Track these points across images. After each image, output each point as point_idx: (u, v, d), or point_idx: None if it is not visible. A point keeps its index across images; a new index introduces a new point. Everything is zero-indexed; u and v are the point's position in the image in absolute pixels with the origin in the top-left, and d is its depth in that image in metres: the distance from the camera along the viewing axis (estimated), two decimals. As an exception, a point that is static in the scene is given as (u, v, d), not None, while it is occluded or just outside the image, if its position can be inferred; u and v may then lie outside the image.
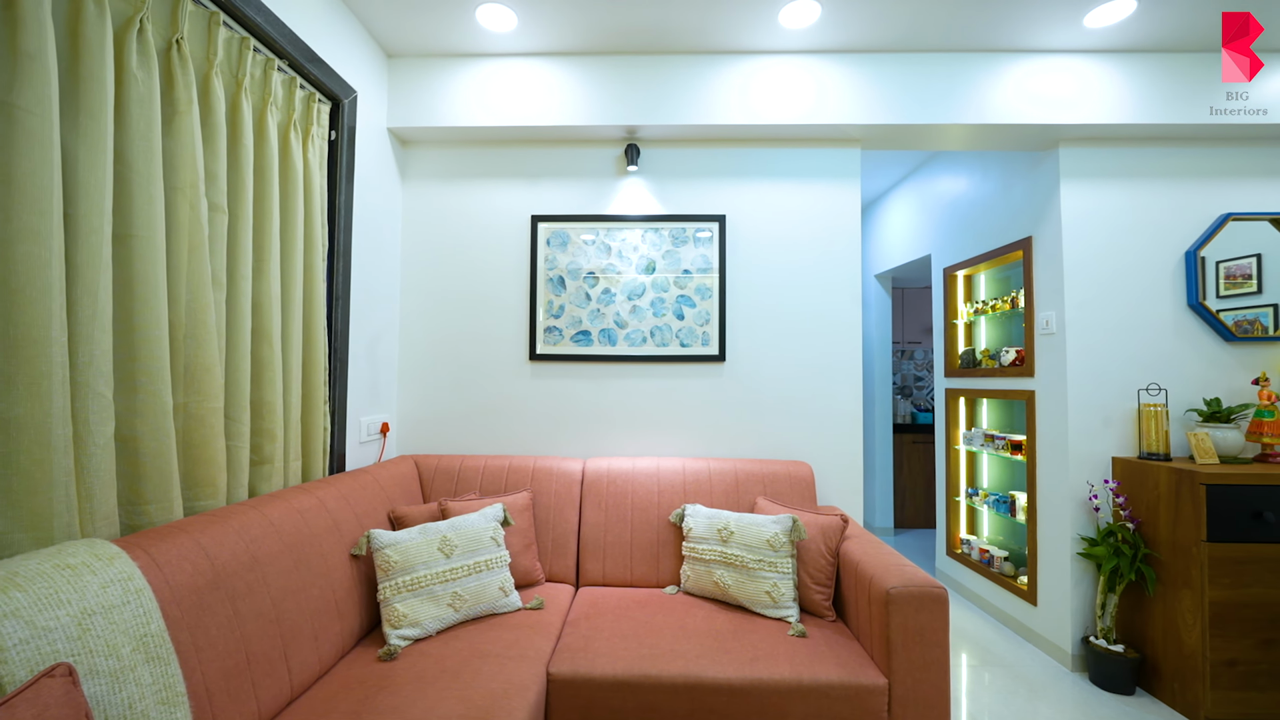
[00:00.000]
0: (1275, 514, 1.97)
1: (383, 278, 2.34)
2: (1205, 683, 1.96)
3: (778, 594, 1.78)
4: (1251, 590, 1.97)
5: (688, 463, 2.24)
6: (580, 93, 2.31)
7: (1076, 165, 2.41)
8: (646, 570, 2.08)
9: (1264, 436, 2.21)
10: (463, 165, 2.47)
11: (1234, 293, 2.46)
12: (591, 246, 2.42)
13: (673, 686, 1.48)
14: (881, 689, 1.47)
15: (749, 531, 1.87)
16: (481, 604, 1.75)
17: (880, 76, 2.29)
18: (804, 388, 2.40)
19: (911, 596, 1.48)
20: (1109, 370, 2.37)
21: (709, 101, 2.31)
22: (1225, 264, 2.46)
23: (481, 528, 1.83)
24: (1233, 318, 2.43)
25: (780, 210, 2.43)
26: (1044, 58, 2.28)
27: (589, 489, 2.20)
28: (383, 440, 2.30)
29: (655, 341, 2.40)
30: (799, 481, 2.18)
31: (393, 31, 2.19)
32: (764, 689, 1.47)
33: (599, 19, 2.11)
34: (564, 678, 1.50)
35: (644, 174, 2.45)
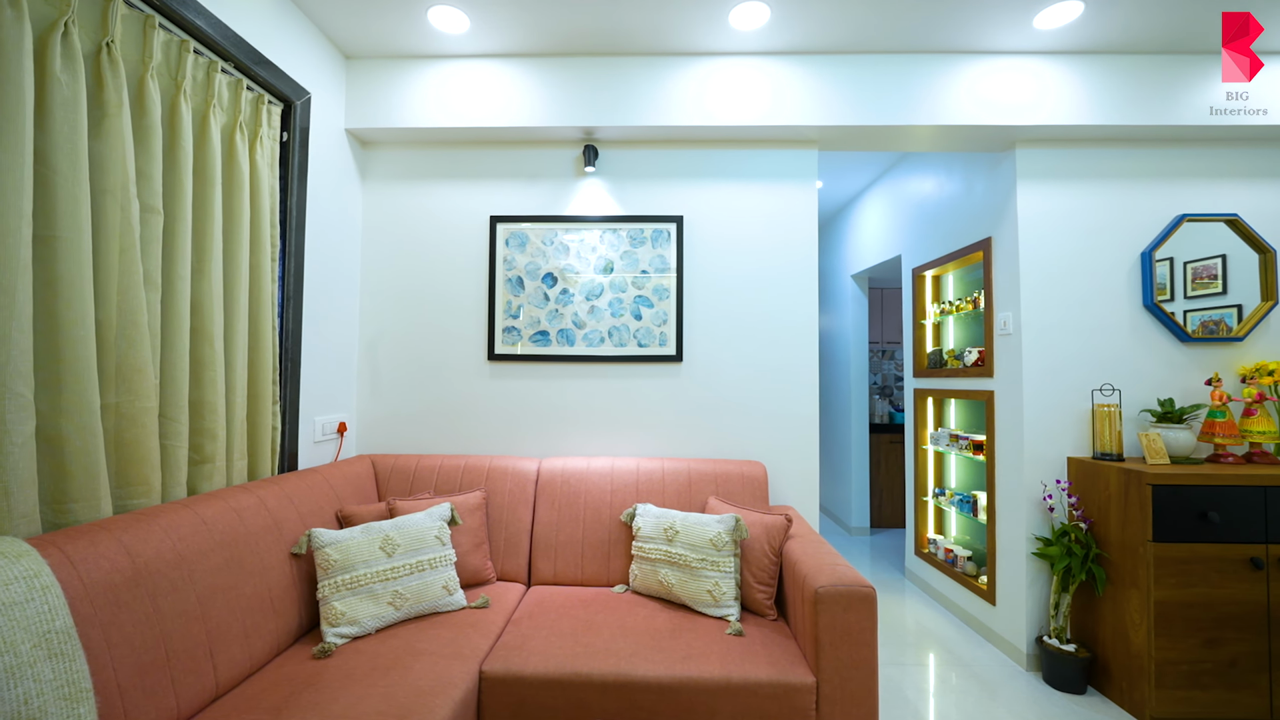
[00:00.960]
0: (1220, 514, 1.98)
1: (341, 278, 2.35)
2: (1150, 682, 1.97)
3: (719, 593, 1.79)
4: (1196, 590, 1.97)
5: (642, 462, 2.25)
6: (538, 94, 2.32)
7: (1033, 166, 2.42)
8: (597, 569, 2.09)
9: (1216, 437, 2.22)
10: (423, 166, 2.48)
11: (1201, 293, 2.47)
12: (550, 247, 2.43)
13: (603, 685, 1.49)
14: (809, 687, 1.48)
15: (693, 531, 1.88)
16: (424, 602, 1.76)
17: (836, 78, 2.30)
18: (760, 388, 2.41)
19: (840, 595, 1.49)
20: (1065, 371, 2.38)
21: (666, 103, 2.31)
22: (1193, 264, 2.47)
23: (426, 527, 1.84)
24: (1200, 318, 2.43)
25: (738, 211, 2.44)
26: (997, 59, 2.28)
27: (543, 488, 2.21)
28: (340, 440, 2.31)
29: (613, 342, 2.41)
30: (751, 481, 2.19)
31: (349, 33, 2.20)
32: (693, 687, 1.48)
33: (551, 21, 2.12)
34: (496, 676, 1.52)
35: (602, 175, 2.46)
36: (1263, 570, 1.97)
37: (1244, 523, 1.98)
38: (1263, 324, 2.38)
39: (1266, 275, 2.37)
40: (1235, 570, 1.97)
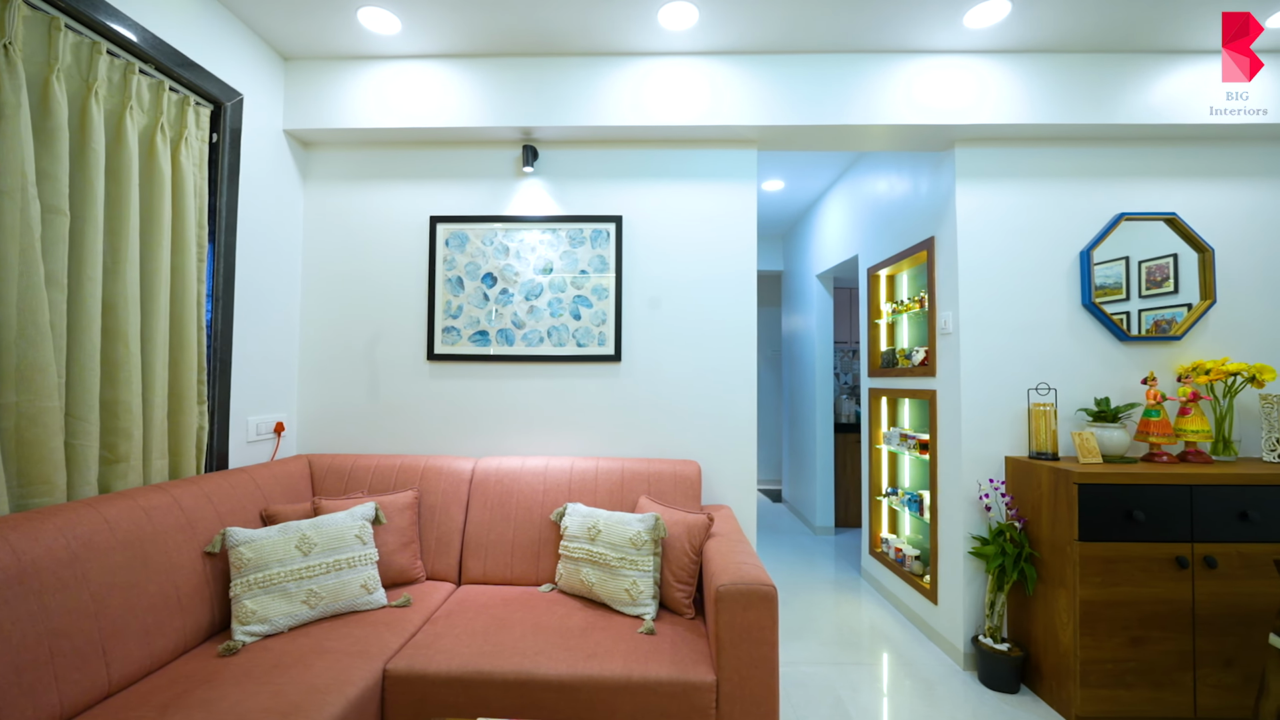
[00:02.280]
0: (1146, 513, 1.98)
1: (280, 278, 2.36)
2: (1076, 681, 1.97)
3: (636, 591, 1.80)
4: (1122, 589, 1.97)
5: (576, 462, 2.25)
6: (476, 94, 2.33)
7: (972, 166, 2.42)
8: (526, 568, 2.10)
9: (1151, 436, 2.22)
10: (364, 167, 2.49)
11: (1154, 293, 2.47)
12: (490, 247, 2.43)
13: (505, 683, 1.50)
14: (709, 686, 1.48)
15: (615, 530, 1.89)
16: (340, 601, 1.77)
17: (774, 78, 2.30)
18: (699, 388, 2.41)
19: (740, 594, 1.49)
20: (1003, 370, 2.38)
21: (604, 103, 2.32)
22: (1147, 264, 2.47)
23: (346, 526, 1.85)
24: (1153, 318, 2.43)
25: (678, 211, 2.45)
26: (934, 58, 2.29)
27: (477, 488, 2.22)
28: (277, 439, 2.32)
29: (552, 341, 2.42)
30: (683, 481, 2.20)
31: (285, 35, 2.21)
32: (593, 685, 1.49)
33: (480, 21, 2.12)
34: (400, 674, 1.52)
35: (542, 175, 2.47)
36: (1188, 569, 1.97)
37: (1170, 522, 1.98)
38: (1201, 323, 2.38)
39: (1205, 274, 2.37)
40: (1161, 569, 1.97)
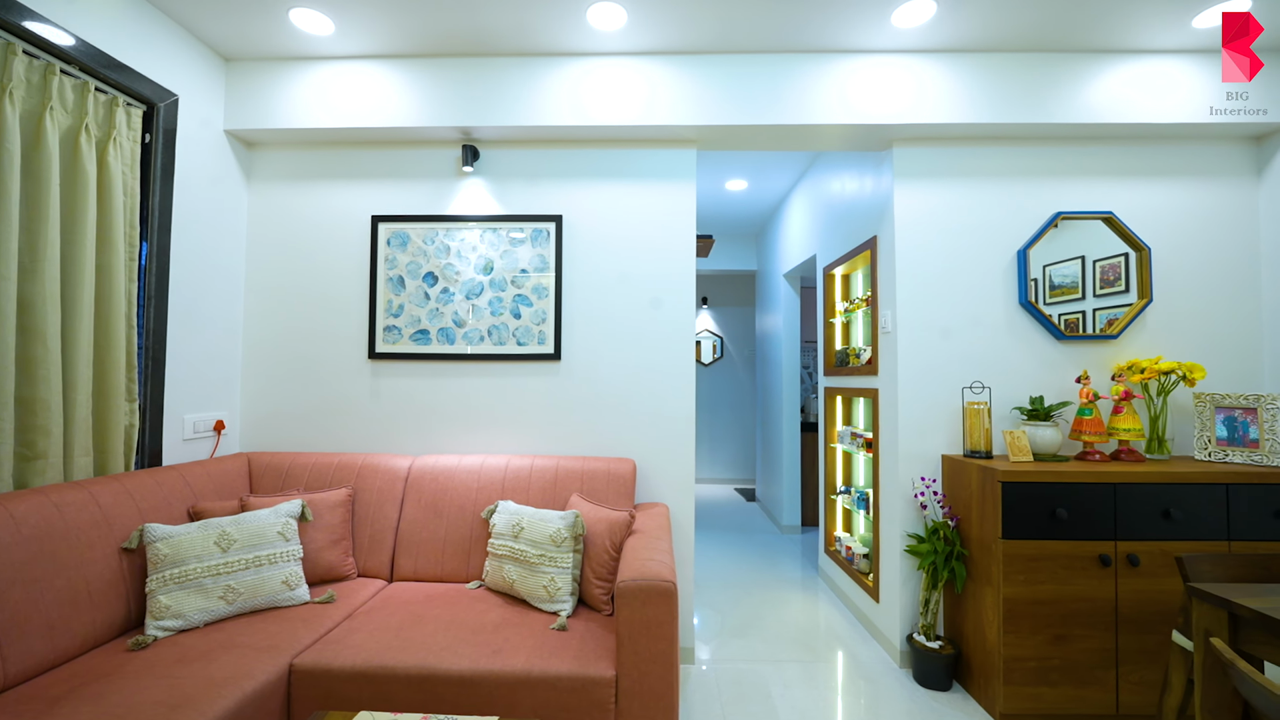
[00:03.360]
0: (1070, 511, 1.99)
1: (222, 277, 2.38)
2: (1000, 678, 1.98)
3: (554, 588, 1.81)
4: (1045, 587, 1.98)
5: (512, 460, 2.27)
6: (414, 95, 2.34)
7: (910, 165, 2.42)
8: (457, 566, 2.11)
9: (1084, 435, 2.22)
10: (308, 167, 2.51)
11: (1107, 292, 2.47)
12: (431, 246, 2.45)
13: (407, 677, 1.51)
14: (608, 681, 1.50)
15: (536, 527, 1.90)
16: (260, 597, 1.78)
17: (710, 78, 2.32)
18: (637, 387, 2.42)
19: (639, 590, 1.50)
20: (940, 368, 2.38)
21: (542, 103, 2.33)
22: (1101, 263, 2.48)
23: (269, 523, 1.87)
24: (1107, 316, 2.43)
25: (617, 211, 2.46)
26: (867, 58, 2.29)
27: (412, 486, 2.23)
28: (217, 438, 2.34)
29: (493, 340, 2.43)
30: (617, 479, 2.21)
31: (223, 36, 2.23)
32: (495, 680, 1.50)
33: (413, 22, 2.14)
34: (306, 669, 1.54)
35: (483, 175, 2.48)
36: (1111, 567, 1.97)
37: (1094, 520, 1.98)
38: (1138, 321, 2.38)
39: (1141, 273, 2.37)
40: (1084, 567, 1.98)
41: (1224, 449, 2.17)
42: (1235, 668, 0.99)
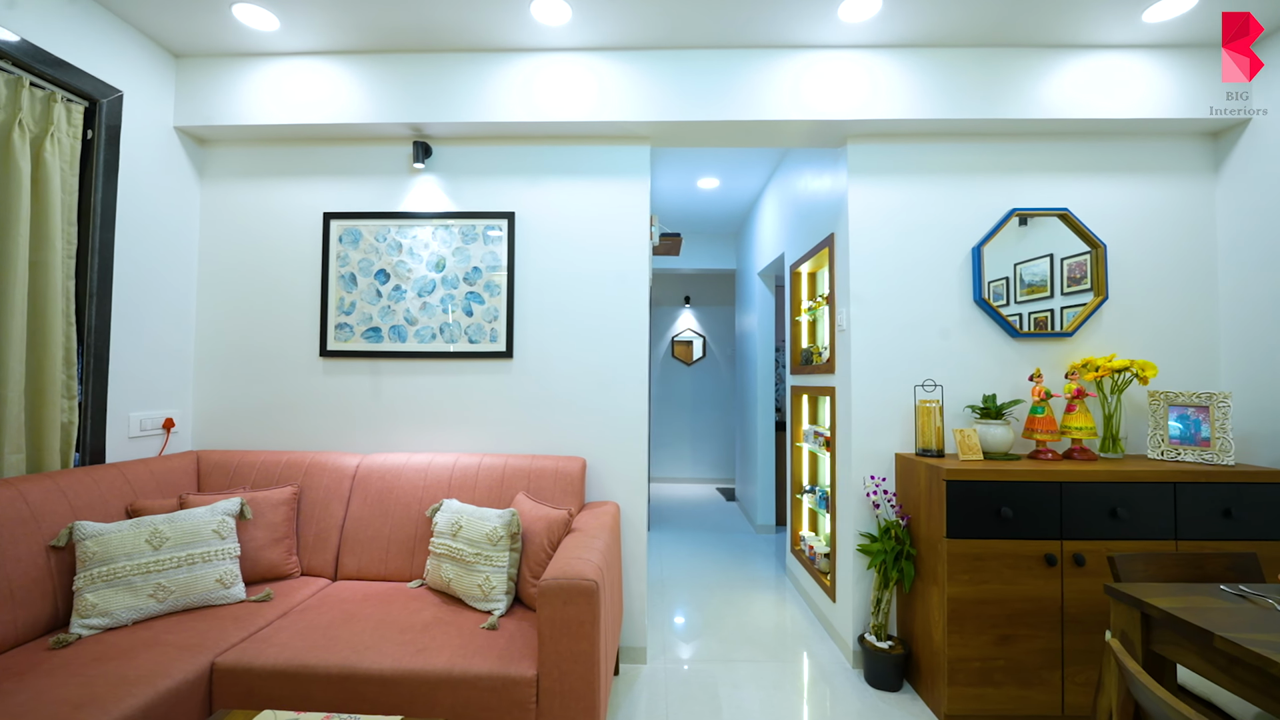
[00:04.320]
0: (1016, 511, 1.97)
1: (172, 274, 2.37)
2: (944, 679, 1.96)
3: (488, 587, 1.80)
4: (990, 587, 1.96)
5: (460, 458, 2.26)
6: (365, 91, 2.33)
7: (864, 162, 2.41)
8: (400, 565, 2.10)
9: (1037, 433, 2.20)
10: (260, 163, 2.50)
11: (1075, 290, 2.45)
12: (383, 244, 2.44)
13: (328, 676, 1.50)
14: (529, 681, 1.48)
15: (474, 526, 1.89)
16: (192, 595, 1.77)
17: (661, 74, 2.30)
18: (589, 384, 2.41)
19: (560, 589, 1.49)
20: (894, 366, 2.37)
21: (493, 99, 2.32)
22: (1069, 261, 2.46)
23: (204, 521, 1.86)
24: (1074, 314, 2.40)
25: (570, 208, 2.44)
26: (818, 53, 2.28)
27: (359, 484, 2.22)
28: (166, 435, 2.33)
29: (444, 338, 2.42)
30: (565, 477, 2.19)
31: (169, 32, 2.22)
32: (415, 679, 1.49)
33: (358, 18, 2.13)
34: (228, 667, 1.53)
35: (436, 171, 2.47)
36: (1056, 567, 1.95)
37: (1040, 519, 1.96)
38: (1094, 319, 2.36)
39: (1097, 270, 2.35)
40: (1030, 567, 1.96)
41: (1176, 448, 2.15)
42: (1127, 670, 0.97)
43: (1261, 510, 1.94)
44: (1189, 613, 1.14)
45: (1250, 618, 1.13)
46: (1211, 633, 1.05)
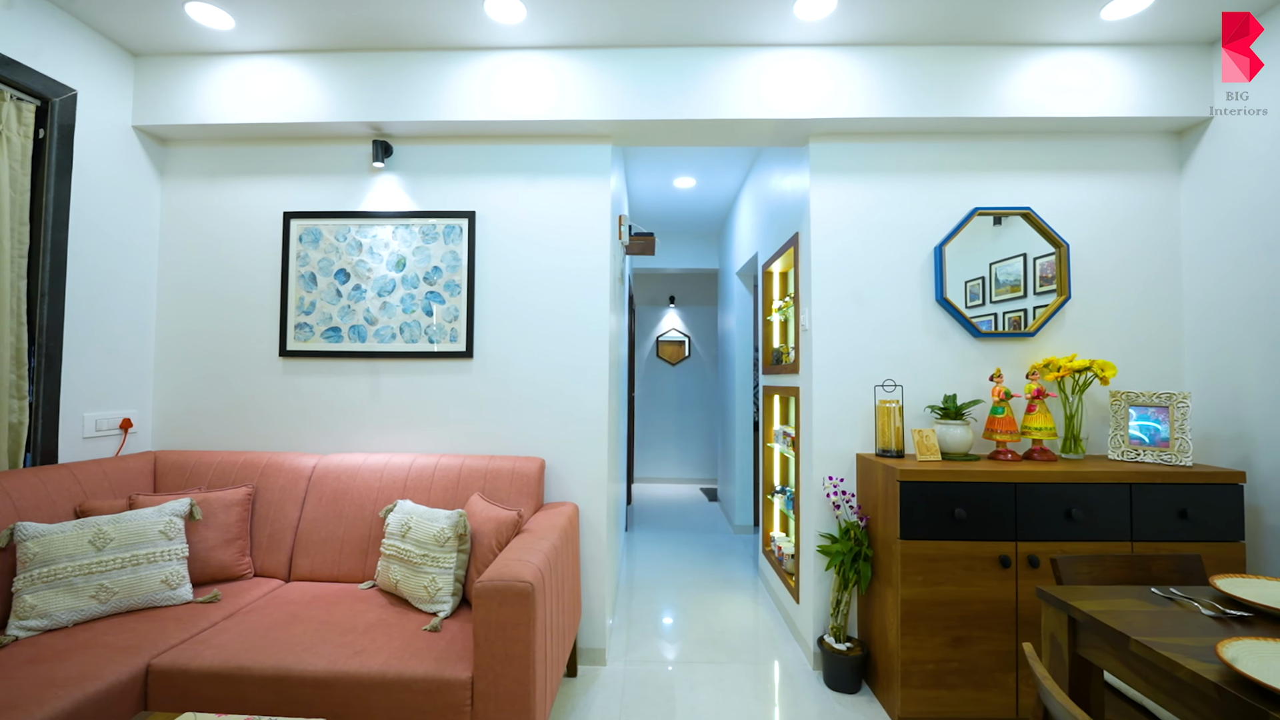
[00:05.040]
0: (970, 512, 1.95)
1: (130, 274, 2.36)
2: (898, 681, 1.95)
3: (434, 589, 1.79)
4: (944, 588, 1.95)
5: (417, 459, 2.24)
6: (324, 90, 2.32)
7: (827, 161, 2.39)
8: (353, 566, 2.09)
9: (997, 434, 2.19)
10: (222, 163, 2.49)
11: (1046, 290, 2.44)
12: (343, 243, 2.43)
13: (262, 678, 1.49)
14: (464, 683, 1.47)
15: (422, 527, 1.88)
16: (137, 596, 1.76)
17: (621, 73, 2.29)
18: (550, 385, 2.39)
19: (495, 591, 1.48)
20: (856, 366, 2.35)
21: (453, 98, 2.31)
22: (1040, 260, 2.44)
23: (150, 522, 1.85)
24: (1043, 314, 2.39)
25: (531, 207, 2.43)
26: (778, 51, 2.26)
27: (315, 485, 2.21)
28: (124, 436, 2.32)
29: (405, 338, 2.41)
30: (521, 478, 2.18)
31: (126, 31, 2.20)
32: (350, 682, 1.48)
33: (314, 17, 2.11)
34: (163, 669, 1.52)
35: (397, 170, 2.46)
36: (1011, 568, 1.94)
37: (995, 520, 1.95)
38: (1056, 318, 2.35)
39: (1059, 270, 2.34)
40: (984, 568, 1.95)
41: (1136, 448, 2.13)
42: (1035, 675, 0.96)
43: (1217, 512, 1.93)
44: (1110, 615, 1.13)
45: (1173, 621, 1.11)
46: (1128, 636, 1.04)
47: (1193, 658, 0.95)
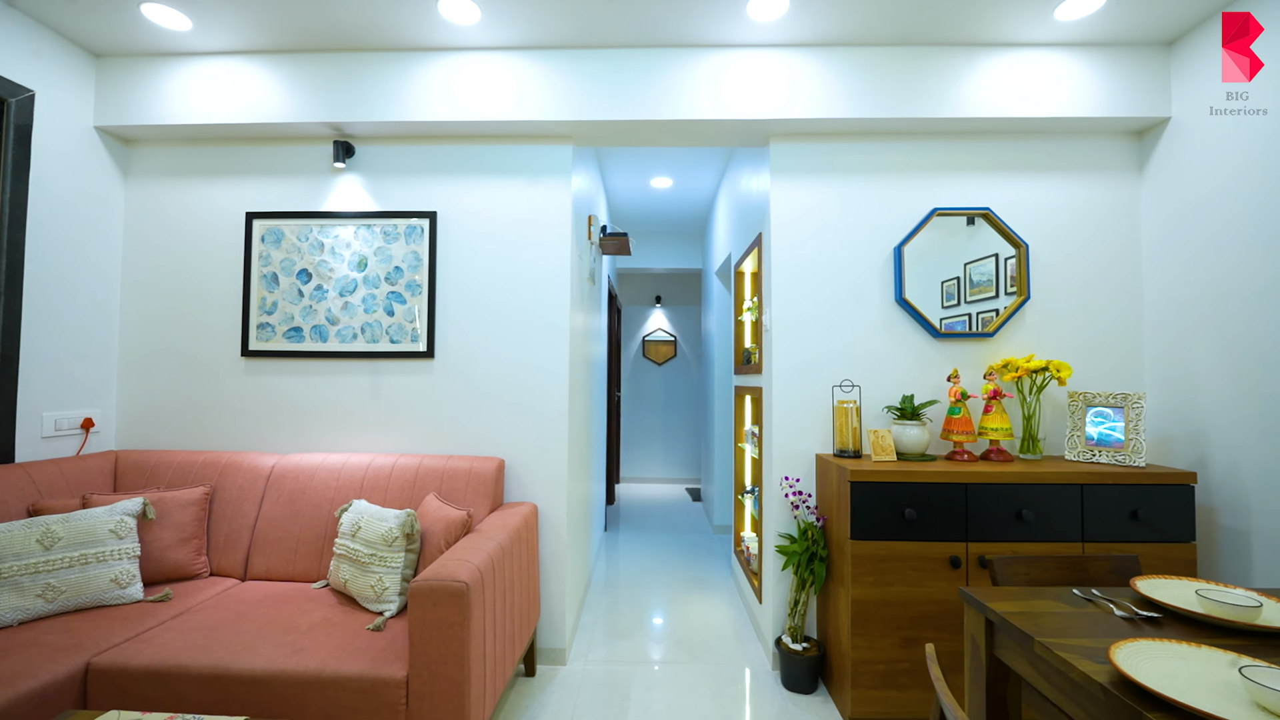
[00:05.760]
0: (920, 512, 1.95)
1: (93, 274, 2.37)
2: (849, 681, 1.95)
3: (380, 588, 1.79)
4: (895, 589, 1.95)
5: (375, 459, 2.25)
6: (285, 90, 2.33)
7: (787, 161, 2.39)
8: (308, 565, 2.10)
9: (954, 434, 2.19)
10: (185, 163, 2.50)
11: (1015, 290, 2.43)
12: (305, 243, 2.43)
13: (200, 677, 1.49)
14: (399, 682, 1.48)
15: (371, 526, 1.88)
16: (85, 595, 1.77)
17: (579, 73, 2.29)
18: (511, 384, 2.40)
19: (430, 591, 1.48)
20: (816, 367, 2.35)
21: (414, 98, 2.31)
22: (1010, 260, 2.44)
23: (101, 521, 1.86)
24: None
25: (492, 207, 2.44)
26: (736, 52, 2.26)
27: (273, 484, 2.22)
28: (85, 435, 2.33)
29: (366, 338, 2.41)
30: (478, 478, 2.19)
31: (86, 32, 2.21)
32: (286, 680, 1.48)
33: (268, 17, 2.12)
34: (103, 668, 1.52)
35: (359, 171, 2.46)
36: (961, 569, 1.94)
37: (945, 521, 1.95)
38: (1016, 319, 2.34)
39: (1019, 270, 2.33)
40: (934, 569, 1.95)
41: (1093, 449, 2.13)
42: (931, 676, 0.96)
43: (1169, 513, 1.93)
44: (1022, 616, 1.13)
45: (1085, 622, 1.11)
46: (1033, 637, 1.04)
47: (1087, 659, 0.95)
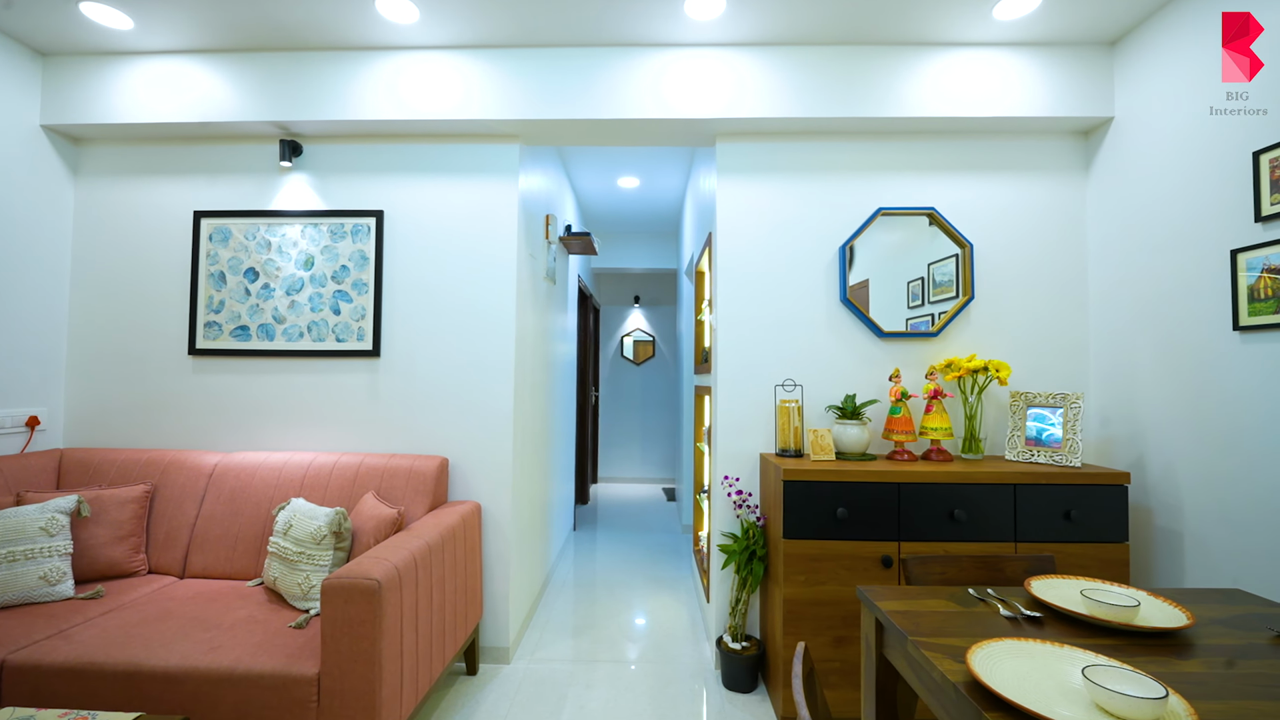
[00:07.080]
0: (853, 511, 1.95)
1: (39, 273, 2.37)
2: (780, 680, 1.95)
3: (307, 586, 1.80)
4: (826, 588, 1.95)
5: (317, 457, 2.25)
6: (229, 89, 2.33)
7: (733, 160, 2.39)
8: (246, 564, 2.10)
9: (894, 434, 2.19)
10: (134, 162, 2.50)
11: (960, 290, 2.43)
12: (252, 242, 2.44)
13: (114, 674, 1.50)
14: (311, 679, 1.48)
15: (302, 525, 1.88)
16: (12, 593, 1.78)
17: (524, 72, 2.29)
18: (456, 382, 2.40)
19: (341, 588, 1.48)
20: (761, 366, 2.35)
21: (360, 97, 2.31)
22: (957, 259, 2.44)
23: (31, 519, 1.86)
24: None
25: (439, 206, 2.44)
26: (678, 51, 2.26)
27: (215, 483, 2.22)
28: (30, 433, 2.33)
29: (312, 336, 2.42)
30: (418, 476, 2.19)
31: (27, 31, 2.21)
32: (199, 677, 1.49)
33: (209, 15, 2.12)
34: (16, 665, 1.53)
35: (306, 170, 2.47)
36: (893, 568, 1.94)
37: (877, 520, 1.95)
38: (961, 318, 2.34)
39: (964, 270, 2.33)
40: (866, 568, 1.95)
41: (1032, 449, 2.13)
42: (793, 674, 0.96)
43: (1102, 513, 1.93)
44: (905, 615, 1.13)
45: (968, 622, 1.12)
46: (907, 636, 1.04)
47: (950, 658, 0.95)
